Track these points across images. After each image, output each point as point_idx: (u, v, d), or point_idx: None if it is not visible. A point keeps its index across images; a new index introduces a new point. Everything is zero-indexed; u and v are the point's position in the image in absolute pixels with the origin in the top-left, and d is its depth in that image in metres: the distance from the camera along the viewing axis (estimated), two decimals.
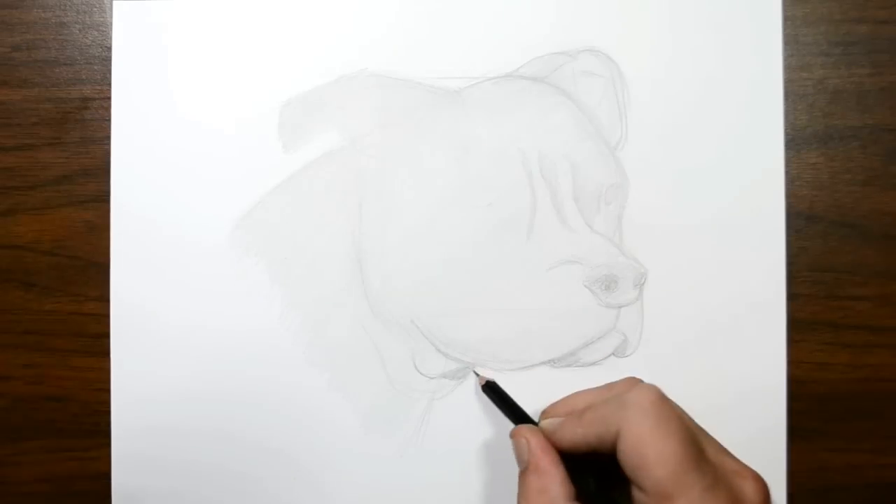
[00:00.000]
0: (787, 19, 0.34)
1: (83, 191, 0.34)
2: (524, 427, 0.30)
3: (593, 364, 0.34)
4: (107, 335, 0.34)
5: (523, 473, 0.28)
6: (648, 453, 0.25)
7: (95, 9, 0.35)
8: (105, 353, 0.34)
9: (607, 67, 0.34)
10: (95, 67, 0.35)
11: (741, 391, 0.34)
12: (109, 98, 0.34)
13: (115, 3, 0.34)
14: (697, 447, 0.26)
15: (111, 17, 0.34)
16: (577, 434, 0.28)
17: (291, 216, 0.34)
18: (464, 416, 0.34)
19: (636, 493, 0.26)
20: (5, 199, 0.35)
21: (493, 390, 0.33)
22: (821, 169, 0.35)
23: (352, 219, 0.34)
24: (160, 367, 0.34)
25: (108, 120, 0.34)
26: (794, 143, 0.34)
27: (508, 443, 0.34)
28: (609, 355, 0.34)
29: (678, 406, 0.27)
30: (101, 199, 0.34)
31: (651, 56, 0.34)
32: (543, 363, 0.34)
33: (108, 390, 0.34)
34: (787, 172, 0.34)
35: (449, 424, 0.34)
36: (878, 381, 0.34)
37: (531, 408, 0.34)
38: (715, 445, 0.27)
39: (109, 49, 0.34)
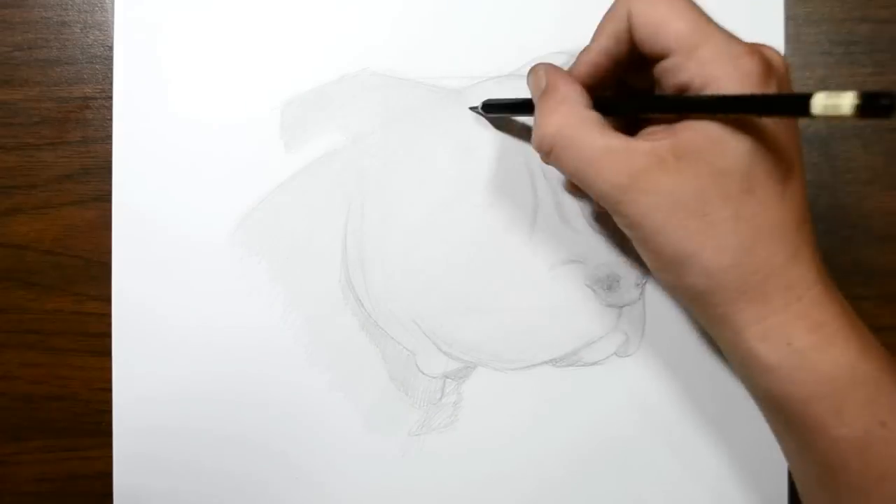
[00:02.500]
0: (789, 18, 0.34)
1: (84, 190, 0.34)
2: (540, 63, 0.29)
3: (595, 363, 0.34)
4: (108, 334, 0.34)
5: (539, 101, 0.27)
6: (663, 11, 0.25)
7: (97, 8, 0.35)
8: (107, 353, 0.34)
9: None
10: (97, 67, 0.35)
11: (742, 390, 0.34)
12: (111, 97, 0.34)
13: (116, 2, 0.34)
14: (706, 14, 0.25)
15: (112, 16, 0.34)
16: (594, 50, 0.27)
17: (293, 216, 0.34)
18: (465, 415, 0.34)
19: (661, 67, 0.25)
20: (6, 199, 0.35)
21: (495, 106, 0.32)
22: (822, 168, 0.35)
23: (354, 218, 0.34)
24: (162, 367, 0.34)
25: (110, 119, 0.34)
26: None
27: (510, 443, 0.34)
28: (611, 355, 0.34)
29: None
30: (103, 198, 0.34)
31: None
32: (545, 362, 0.34)
33: (109, 390, 0.34)
34: None
35: (450, 424, 0.34)
36: None
37: (532, 409, 0.34)
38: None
39: (111, 48, 0.34)
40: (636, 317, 0.34)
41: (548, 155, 0.27)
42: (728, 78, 0.24)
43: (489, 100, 0.33)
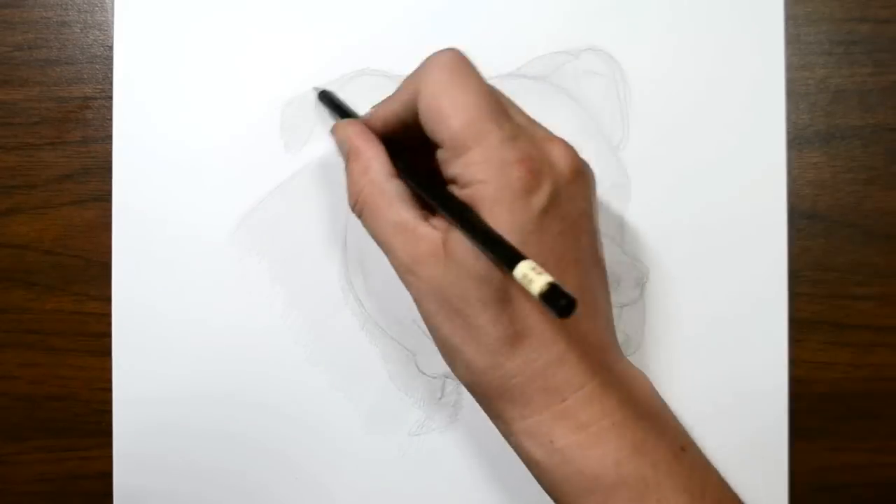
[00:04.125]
0: (789, 18, 0.34)
1: (84, 190, 0.34)
2: (343, 121, 0.29)
3: None
4: (108, 334, 0.34)
5: (346, 164, 0.28)
6: (444, 104, 0.25)
7: (97, 8, 0.35)
8: (107, 353, 0.34)
9: (609, 66, 0.34)
10: (97, 67, 0.35)
11: (742, 390, 0.34)
12: (111, 97, 0.34)
13: (116, 2, 0.34)
14: (498, 104, 0.25)
15: (112, 16, 0.34)
16: (388, 110, 0.28)
17: (293, 216, 0.34)
18: (465, 415, 0.34)
19: (439, 155, 0.25)
20: (6, 199, 0.35)
21: (327, 98, 0.33)
22: (823, 168, 0.35)
23: (353, 218, 0.34)
24: (162, 367, 0.34)
25: (110, 119, 0.34)
26: (796, 142, 0.34)
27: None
28: None
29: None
30: (103, 198, 0.34)
31: (653, 55, 0.34)
32: None
33: (109, 389, 0.34)
34: (789, 172, 0.34)
35: (451, 425, 0.34)
36: (880, 380, 0.34)
37: None
38: (523, 115, 0.27)
39: (111, 48, 0.34)
40: (636, 317, 0.34)
41: (358, 217, 0.27)
42: (491, 184, 0.24)
43: (328, 92, 0.33)
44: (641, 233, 0.34)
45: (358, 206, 0.27)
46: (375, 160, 0.27)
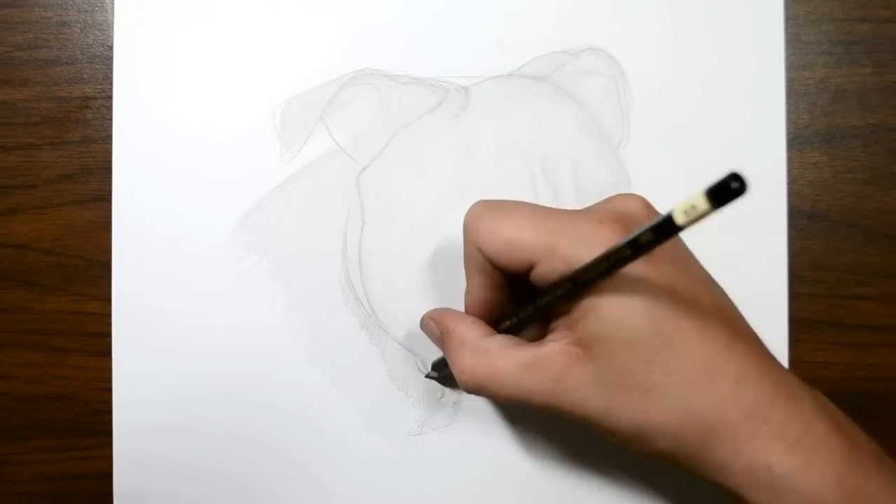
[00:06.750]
0: (789, 18, 0.34)
1: (84, 190, 0.34)
2: (429, 311, 0.30)
3: None
4: (108, 334, 0.34)
5: (444, 347, 0.28)
6: (508, 235, 0.25)
7: (97, 8, 0.35)
8: (107, 353, 0.34)
9: (609, 66, 0.34)
10: (97, 67, 0.35)
11: None
12: (111, 97, 0.34)
13: (116, 2, 0.34)
14: (539, 205, 0.27)
15: (112, 16, 0.34)
16: (471, 292, 0.28)
17: (293, 216, 0.34)
18: (465, 415, 0.34)
19: (534, 278, 0.26)
20: (6, 199, 0.35)
21: (436, 370, 0.33)
22: (823, 168, 0.35)
23: (353, 218, 0.34)
24: (162, 367, 0.34)
25: (110, 119, 0.34)
26: (796, 142, 0.34)
27: (512, 444, 0.34)
28: None
29: None
30: (103, 198, 0.34)
31: (653, 55, 0.34)
32: None
33: (109, 389, 0.34)
34: (789, 171, 0.34)
35: (451, 425, 0.34)
36: (879, 380, 0.34)
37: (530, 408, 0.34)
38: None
39: (111, 48, 0.34)
40: None
41: (478, 394, 0.27)
42: (594, 255, 0.24)
43: (437, 362, 0.33)
44: None
45: (475, 381, 0.26)
46: (468, 328, 0.27)
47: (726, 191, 0.19)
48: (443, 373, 0.33)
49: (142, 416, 0.34)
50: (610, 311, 0.24)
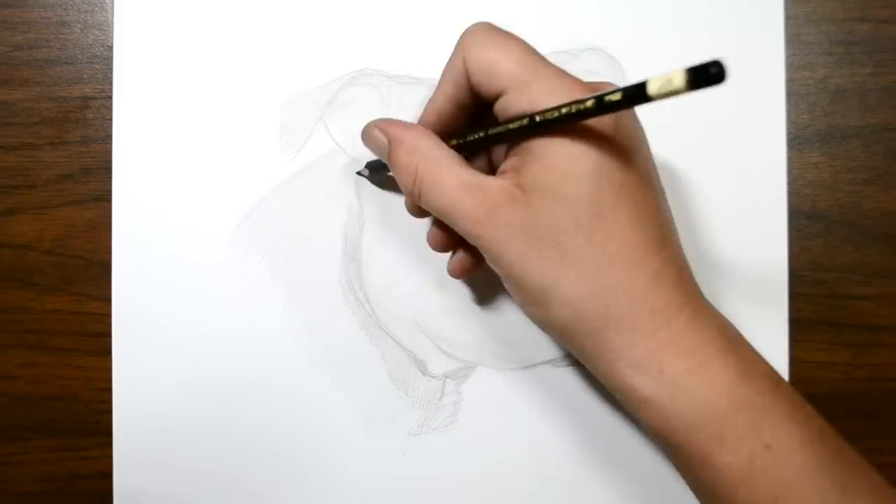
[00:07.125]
0: (789, 18, 0.34)
1: (84, 190, 0.34)
2: (373, 119, 0.29)
3: None
4: (108, 334, 0.34)
5: (390, 156, 0.28)
6: (494, 55, 0.25)
7: (97, 8, 0.35)
8: (107, 353, 0.34)
9: (609, 66, 0.34)
10: (97, 66, 0.35)
11: None
12: (111, 97, 0.34)
13: (116, 2, 0.34)
14: (535, 50, 0.26)
15: (112, 16, 0.34)
16: (437, 98, 0.28)
17: (293, 216, 0.34)
18: (465, 415, 0.34)
19: (497, 107, 0.26)
20: (6, 199, 0.35)
21: (374, 167, 0.33)
22: (823, 168, 0.35)
23: (353, 218, 0.34)
24: (162, 367, 0.34)
25: (110, 119, 0.34)
26: (796, 142, 0.34)
27: (512, 443, 0.34)
28: None
29: None
30: (103, 198, 0.34)
31: (653, 55, 0.34)
32: (545, 362, 0.34)
33: (109, 389, 0.34)
34: (789, 171, 0.34)
35: (451, 424, 0.34)
36: (879, 380, 0.34)
37: (532, 409, 0.34)
38: None
39: (111, 48, 0.34)
40: None
41: (418, 199, 0.27)
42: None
43: (371, 162, 0.33)
44: None
45: (416, 184, 0.26)
46: (421, 138, 0.27)
47: (705, 74, 0.19)
48: (377, 175, 0.33)
49: (142, 416, 0.34)
50: (557, 162, 0.24)
